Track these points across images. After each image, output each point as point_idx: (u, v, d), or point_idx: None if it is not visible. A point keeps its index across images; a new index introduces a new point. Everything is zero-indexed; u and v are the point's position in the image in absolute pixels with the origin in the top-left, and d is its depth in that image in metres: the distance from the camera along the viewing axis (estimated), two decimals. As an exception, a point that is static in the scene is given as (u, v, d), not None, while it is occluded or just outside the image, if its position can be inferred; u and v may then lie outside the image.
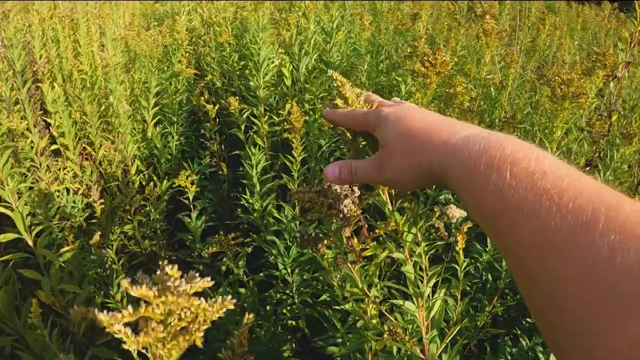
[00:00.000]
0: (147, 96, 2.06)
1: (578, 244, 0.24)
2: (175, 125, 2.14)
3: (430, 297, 0.76)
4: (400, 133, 0.41)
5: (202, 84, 2.30)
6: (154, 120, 2.12)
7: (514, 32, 1.97)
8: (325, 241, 0.70)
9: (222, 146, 1.66)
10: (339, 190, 0.67)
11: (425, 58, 0.76)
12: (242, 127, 1.40)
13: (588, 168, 1.10)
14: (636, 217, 0.24)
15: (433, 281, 0.76)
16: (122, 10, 3.17)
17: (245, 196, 1.23)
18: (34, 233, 1.01)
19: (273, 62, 1.45)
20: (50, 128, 1.94)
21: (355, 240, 0.73)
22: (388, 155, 0.42)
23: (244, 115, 1.38)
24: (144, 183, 2.17)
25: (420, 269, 0.75)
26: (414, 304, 0.75)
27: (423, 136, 0.39)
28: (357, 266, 0.74)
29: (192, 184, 1.36)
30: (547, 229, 0.26)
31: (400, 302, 0.74)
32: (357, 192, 0.68)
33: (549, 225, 0.26)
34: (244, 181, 1.24)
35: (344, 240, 0.72)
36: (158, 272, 0.24)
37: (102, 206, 1.58)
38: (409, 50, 1.01)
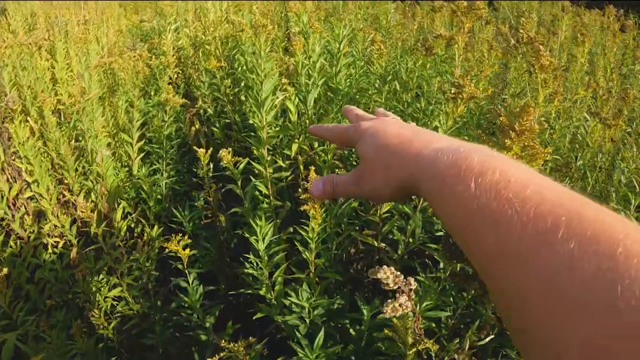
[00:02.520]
0: (130, 129, 1.84)
1: (539, 254, 0.24)
2: (164, 161, 1.92)
3: None
4: (377, 147, 0.41)
5: (193, 112, 2.08)
6: (140, 156, 1.90)
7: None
8: None
9: (220, 195, 1.44)
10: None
11: (506, 122, 0.55)
12: (239, 182, 1.18)
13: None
14: (599, 224, 0.23)
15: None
16: (104, 29, 2.93)
17: (251, 270, 1.02)
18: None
19: (278, 97, 1.24)
20: (23, 173, 1.71)
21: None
22: (366, 169, 0.43)
23: (240, 167, 1.16)
24: (132, 225, 1.95)
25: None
26: None
27: (397, 150, 0.39)
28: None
29: (185, 247, 1.14)
30: (509, 239, 0.26)
31: None
32: (413, 285, 0.52)
33: (511, 235, 0.26)
34: (249, 257, 1.02)
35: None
36: None
37: (84, 272, 1.36)
38: (453, 91, 0.80)
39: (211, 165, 1.27)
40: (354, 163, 1.58)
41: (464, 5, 0.91)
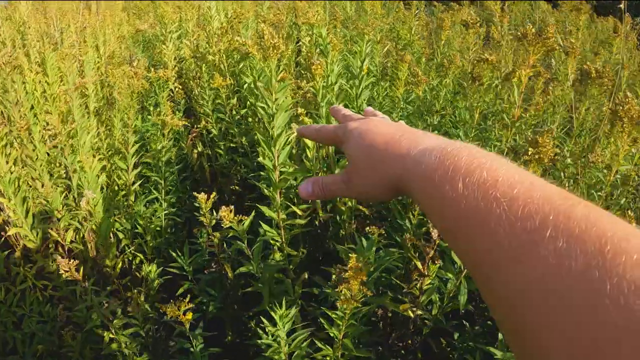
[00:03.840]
0: (125, 155, 1.67)
1: (527, 254, 0.23)
2: (163, 189, 1.74)
3: None
4: (364, 147, 0.41)
5: (195, 133, 1.90)
6: (137, 183, 1.72)
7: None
8: None
9: (225, 244, 1.26)
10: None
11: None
12: (245, 242, 1.00)
13: None
14: (587, 222, 0.22)
15: None
16: (103, 37, 2.75)
17: (269, 354, 0.84)
18: None
19: (293, 132, 1.06)
20: (5, 208, 1.54)
21: None
22: (354, 169, 0.42)
23: (245, 225, 0.98)
24: (130, 259, 1.77)
25: None
26: None
27: (384, 150, 0.39)
28: None
29: (186, 312, 0.96)
30: (498, 239, 0.25)
31: None
32: None
33: (500, 235, 0.25)
34: (267, 340, 0.84)
35: None
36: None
37: (72, 332, 1.18)
38: (530, 152, 0.62)
39: (214, 213, 1.09)
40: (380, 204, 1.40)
41: (532, 32, 0.72)
